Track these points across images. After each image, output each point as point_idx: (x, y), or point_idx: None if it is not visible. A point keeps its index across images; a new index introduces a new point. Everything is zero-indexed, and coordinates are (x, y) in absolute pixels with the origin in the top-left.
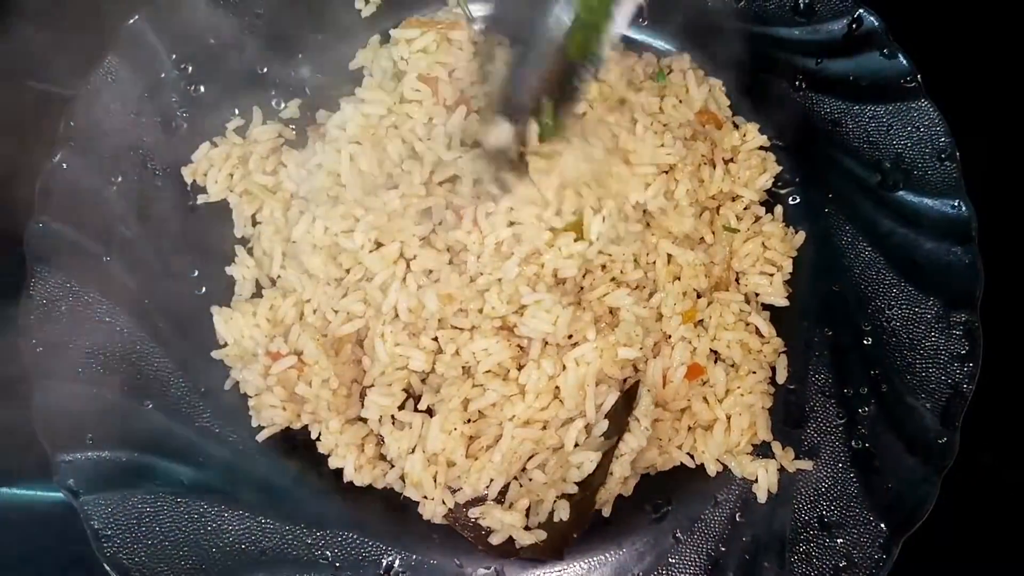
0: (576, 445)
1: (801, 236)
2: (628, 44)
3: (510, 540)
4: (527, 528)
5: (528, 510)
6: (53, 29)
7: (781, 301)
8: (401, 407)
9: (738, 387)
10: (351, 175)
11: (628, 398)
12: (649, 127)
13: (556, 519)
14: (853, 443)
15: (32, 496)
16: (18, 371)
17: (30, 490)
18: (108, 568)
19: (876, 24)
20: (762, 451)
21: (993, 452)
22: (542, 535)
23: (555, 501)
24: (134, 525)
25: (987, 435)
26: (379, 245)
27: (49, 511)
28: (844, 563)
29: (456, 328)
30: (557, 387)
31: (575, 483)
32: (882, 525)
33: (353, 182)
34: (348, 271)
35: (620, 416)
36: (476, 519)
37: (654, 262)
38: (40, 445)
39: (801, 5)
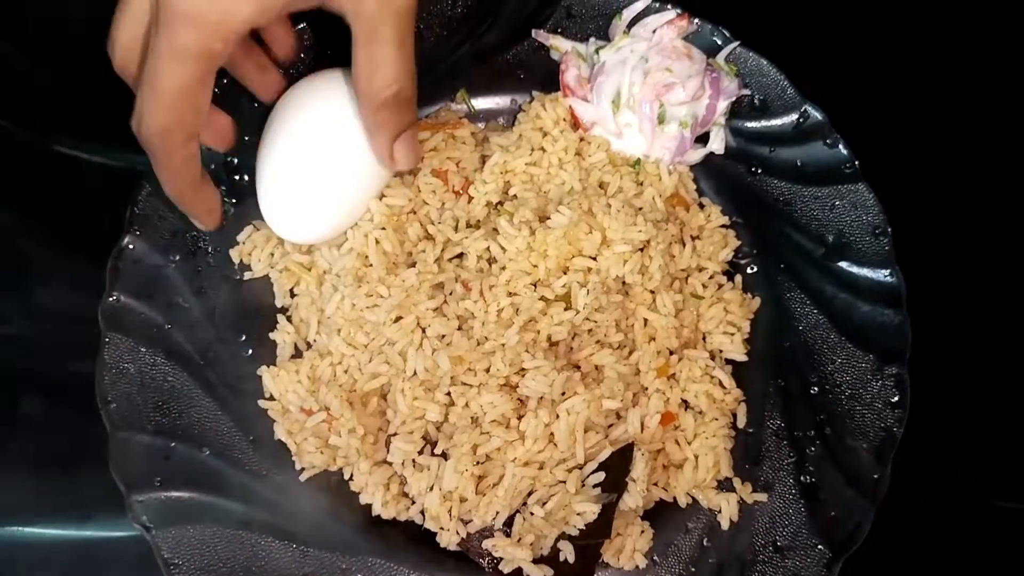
0: (576, 491)
1: (757, 301)
2: None
3: (518, 570)
4: (534, 561)
5: (532, 544)
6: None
7: (741, 357)
8: (420, 452)
9: (704, 431)
10: (376, 255)
11: (623, 457)
12: (621, 209)
13: (562, 559)
14: (802, 478)
15: (107, 536)
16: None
17: (105, 530)
18: None
19: (820, 118)
20: (725, 486)
21: (922, 486)
22: (550, 572)
23: (558, 540)
24: (197, 554)
25: (916, 472)
26: (398, 318)
27: (122, 548)
28: None
29: (466, 385)
30: (552, 433)
31: (579, 529)
32: (826, 548)
33: (378, 261)
34: (372, 339)
35: (618, 473)
36: (489, 550)
37: (632, 325)
38: (115, 488)
39: (757, 101)
